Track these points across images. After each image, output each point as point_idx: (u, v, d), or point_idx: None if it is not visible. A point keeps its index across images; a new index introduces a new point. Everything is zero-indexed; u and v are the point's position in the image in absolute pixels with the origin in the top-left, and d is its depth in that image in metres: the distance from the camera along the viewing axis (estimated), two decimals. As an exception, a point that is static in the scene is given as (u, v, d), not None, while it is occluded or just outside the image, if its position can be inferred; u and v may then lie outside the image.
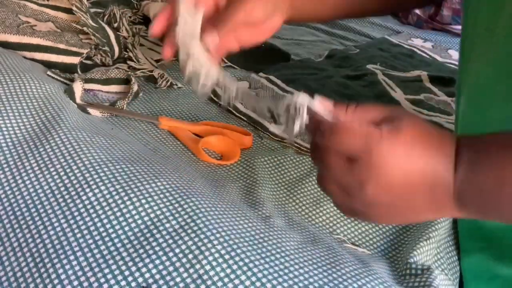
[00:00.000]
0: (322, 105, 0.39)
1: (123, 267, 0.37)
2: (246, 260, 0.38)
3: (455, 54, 1.03)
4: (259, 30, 0.54)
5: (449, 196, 0.37)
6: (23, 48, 0.66)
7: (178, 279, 0.37)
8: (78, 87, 0.60)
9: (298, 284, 0.38)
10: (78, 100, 0.59)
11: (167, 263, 0.38)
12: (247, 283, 0.37)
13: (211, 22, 0.49)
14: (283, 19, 0.56)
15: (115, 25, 0.80)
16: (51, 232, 0.40)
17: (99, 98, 0.65)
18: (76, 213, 0.41)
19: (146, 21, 0.89)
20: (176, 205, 0.43)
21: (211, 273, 0.37)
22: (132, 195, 0.42)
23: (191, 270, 0.37)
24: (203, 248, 0.39)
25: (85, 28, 0.70)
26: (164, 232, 0.40)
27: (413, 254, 0.47)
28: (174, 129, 0.62)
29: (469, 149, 0.37)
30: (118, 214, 0.41)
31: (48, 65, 0.66)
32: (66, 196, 0.43)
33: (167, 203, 0.43)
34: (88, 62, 0.70)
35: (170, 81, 0.73)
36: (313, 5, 0.60)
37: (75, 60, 0.67)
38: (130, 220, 0.41)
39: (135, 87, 0.65)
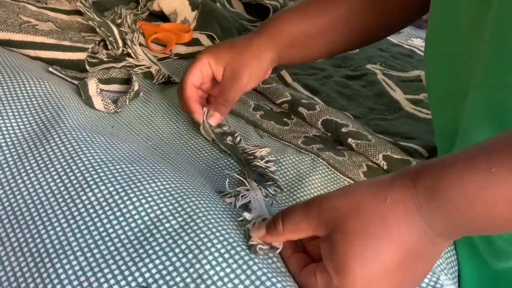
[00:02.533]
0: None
1: (123, 267, 0.37)
2: (246, 258, 0.38)
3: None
4: None
5: (434, 240, 0.34)
6: (27, 47, 0.66)
7: (178, 279, 0.37)
8: (92, 82, 0.62)
9: (298, 283, 0.38)
10: (91, 92, 0.60)
11: (167, 263, 0.38)
12: (247, 282, 0.37)
13: (213, 99, 0.62)
14: (270, 73, 0.66)
15: (118, 21, 0.80)
16: (51, 232, 0.40)
17: (101, 96, 0.65)
18: (76, 213, 0.41)
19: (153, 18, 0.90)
20: (176, 205, 0.43)
21: (211, 272, 0.37)
22: (132, 195, 0.43)
23: (191, 270, 0.37)
24: (202, 247, 0.39)
25: (90, 22, 0.70)
26: (164, 232, 0.40)
27: None
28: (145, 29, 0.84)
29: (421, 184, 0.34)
30: (118, 214, 0.41)
31: (54, 62, 0.66)
32: (66, 196, 0.43)
33: (167, 203, 0.43)
34: (94, 60, 0.71)
35: (167, 75, 0.73)
36: (298, 55, 0.64)
37: (81, 56, 0.67)
38: (130, 220, 0.41)
39: (136, 85, 0.65)
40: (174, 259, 0.38)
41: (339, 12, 0.62)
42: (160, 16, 0.93)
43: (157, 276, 0.37)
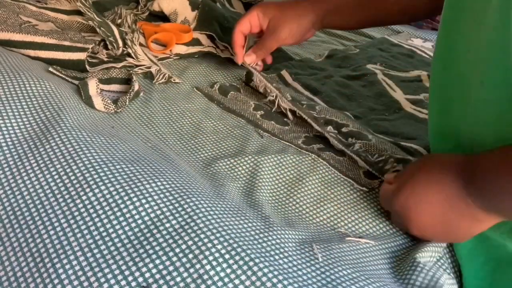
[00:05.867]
0: None
1: (123, 267, 0.37)
2: (247, 259, 0.38)
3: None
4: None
5: (474, 209, 0.44)
6: (27, 47, 0.66)
7: (178, 279, 0.37)
8: (92, 82, 0.62)
9: (297, 283, 0.38)
10: (92, 92, 0.60)
11: (167, 263, 0.38)
12: (247, 283, 0.37)
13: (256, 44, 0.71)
14: (314, 33, 0.74)
15: (119, 21, 0.80)
16: (51, 232, 0.40)
17: (101, 96, 0.65)
18: (76, 213, 0.41)
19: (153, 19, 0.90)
20: (176, 204, 0.42)
21: (211, 272, 0.37)
22: (132, 194, 0.42)
23: (191, 270, 0.37)
24: (203, 247, 0.39)
25: (90, 22, 0.70)
26: (164, 232, 0.40)
27: (415, 253, 0.47)
28: (145, 29, 0.84)
29: (467, 165, 0.45)
30: (118, 214, 0.41)
31: (54, 62, 0.66)
32: (66, 196, 0.43)
33: (167, 203, 0.43)
34: (94, 60, 0.71)
35: (167, 75, 0.73)
36: (341, 21, 0.72)
37: (82, 56, 0.67)
38: (130, 219, 0.41)
39: (136, 85, 0.65)
40: (174, 259, 0.38)
41: None
42: (160, 16, 0.93)
43: (157, 276, 0.37)
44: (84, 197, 0.42)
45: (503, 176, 0.42)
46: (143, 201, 0.42)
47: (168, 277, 0.37)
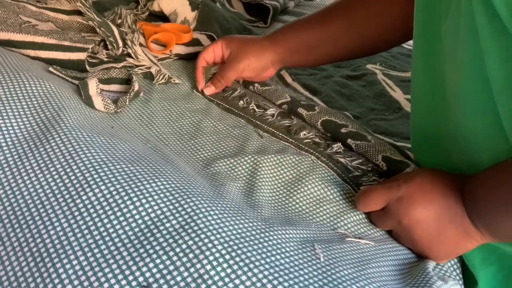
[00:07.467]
0: None
1: (124, 267, 0.37)
2: (247, 261, 0.38)
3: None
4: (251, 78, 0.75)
5: (466, 219, 0.46)
6: (27, 47, 0.66)
7: (178, 278, 0.37)
8: (92, 82, 0.62)
9: (298, 284, 0.38)
10: (92, 92, 0.60)
11: (168, 262, 0.38)
12: (248, 283, 0.37)
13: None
14: (274, 72, 0.75)
15: (119, 21, 0.80)
16: (51, 232, 0.40)
17: (101, 96, 0.65)
18: (76, 213, 0.41)
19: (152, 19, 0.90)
20: (176, 204, 0.43)
21: (212, 272, 0.37)
22: (132, 194, 0.43)
23: (192, 269, 0.37)
24: (203, 247, 0.39)
25: (90, 22, 0.70)
26: (164, 232, 0.40)
27: (417, 256, 0.47)
28: (145, 29, 0.83)
29: (468, 185, 0.47)
30: (118, 213, 0.41)
31: (54, 62, 0.66)
32: (66, 196, 0.43)
33: (167, 203, 0.43)
34: (94, 60, 0.71)
35: (167, 76, 0.73)
36: (301, 59, 0.73)
37: (81, 56, 0.67)
38: (130, 219, 0.41)
39: (136, 86, 0.65)
40: (174, 258, 0.38)
41: (338, 27, 0.69)
42: (160, 16, 0.93)
43: (157, 275, 0.37)
44: (84, 197, 0.42)
45: (490, 193, 0.44)
46: (143, 201, 0.42)
47: (168, 277, 0.37)
